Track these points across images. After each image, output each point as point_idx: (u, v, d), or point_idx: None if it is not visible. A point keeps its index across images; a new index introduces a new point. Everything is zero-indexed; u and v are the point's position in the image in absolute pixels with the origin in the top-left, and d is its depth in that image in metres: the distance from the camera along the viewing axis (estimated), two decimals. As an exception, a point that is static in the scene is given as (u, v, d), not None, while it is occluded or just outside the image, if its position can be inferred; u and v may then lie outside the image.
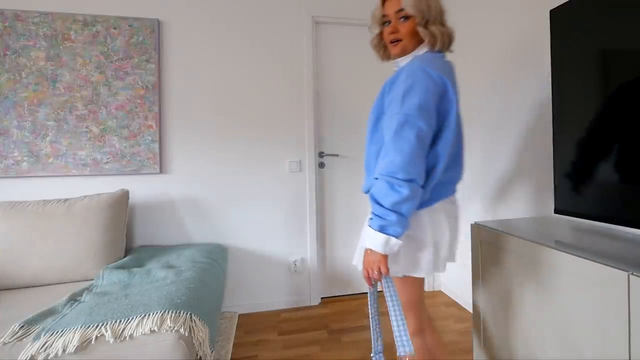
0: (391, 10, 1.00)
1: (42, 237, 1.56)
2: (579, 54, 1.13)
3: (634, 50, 0.96)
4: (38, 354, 0.97)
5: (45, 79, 1.86)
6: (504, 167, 1.75)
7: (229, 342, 1.72)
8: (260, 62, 2.13)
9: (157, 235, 2.01)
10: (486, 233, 1.24)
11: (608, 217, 1.07)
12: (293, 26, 2.17)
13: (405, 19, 0.98)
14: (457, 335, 1.80)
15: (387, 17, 1.02)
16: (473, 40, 1.97)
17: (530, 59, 1.55)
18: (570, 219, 1.30)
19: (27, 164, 1.85)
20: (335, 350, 1.69)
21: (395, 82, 0.97)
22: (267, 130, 2.14)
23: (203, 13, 2.06)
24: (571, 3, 1.16)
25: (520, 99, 1.63)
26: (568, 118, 1.19)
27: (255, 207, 2.14)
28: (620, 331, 0.78)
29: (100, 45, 1.92)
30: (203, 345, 1.12)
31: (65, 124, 1.89)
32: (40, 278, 1.54)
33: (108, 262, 1.63)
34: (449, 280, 2.31)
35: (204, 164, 2.07)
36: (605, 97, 1.06)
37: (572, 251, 0.92)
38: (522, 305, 1.10)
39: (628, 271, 0.76)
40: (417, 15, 0.96)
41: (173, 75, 2.03)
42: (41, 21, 1.85)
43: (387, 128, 0.92)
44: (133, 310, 1.13)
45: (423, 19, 0.97)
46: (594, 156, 1.10)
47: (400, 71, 0.98)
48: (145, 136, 1.97)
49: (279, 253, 2.18)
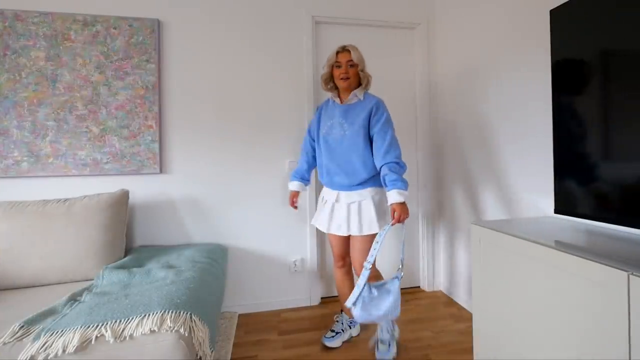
0: (343, 59, 1.58)
1: (42, 237, 1.56)
2: (579, 54, 1.13)
3: (634, 50, 0.96)
4: (38, 354, 0.97)
5: (45, 79, 1.86)
6: (504, 167, 1.75)
7: (229, 342, 1.72)
8: (260, 62, 2.13)
9: (157, 235, 2.01)
10: (486, 233, 1.24)
11: (608, 217, 1.07)
12: (293, 26, 2.17)
13: (352, 66, 1.58)
14: (457, 335, 1.80)
15: (339, 63, 1.59)
16: (473, 39, 1.97)
17: (530, 59, 1.55)
18: (570, 219, 1.30)
19: (27, 164, 1.85)
20: (335, 350, 1.69)
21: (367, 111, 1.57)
22: (267, 130, 2.14)
23: (203, 13, 2.06)
24: (571, 3, 1.16)
25: (520, 98, 1.63)
26: (568, 118, 1.19)
27: (255, 207, 2.14)
28: (620, 331, 0.78)
29: (100, 45, 1.92)
30: (203, 345, 1.12)
31: (65, 124, 1.89)
32: (40, 278, 1.54)
33: (108, 262, 1.63)
34: (449, 280, 2.31)
35: (204, 163, 2.07)
36: (605, 97, 1.06)
37: (572, 251, 0.92)
38: (522, 305, 1.10)
39: (628, 271, 0.76)
40: (360, 64, 1.58)
41: (173, 75, 2.03)
42: (41, 21, 1.85)
43: (381, 137, 1.54)
44: (133, 310, 1.13)
45: (361, 67, 1.59)
46: (594, 156, 1.10)
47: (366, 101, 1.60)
48: (145, 136, 1.97)
49: (279, 253, 2.18)
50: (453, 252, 2.26)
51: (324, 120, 1.66)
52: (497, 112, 1.79)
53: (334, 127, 1.61)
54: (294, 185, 1.78)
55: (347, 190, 1.60)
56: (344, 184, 1.59)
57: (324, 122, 1.66)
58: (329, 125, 1.64)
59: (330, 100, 1.70)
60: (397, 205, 1.43)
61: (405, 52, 2.39)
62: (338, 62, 1.59)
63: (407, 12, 2.33)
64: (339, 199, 1.61)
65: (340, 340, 1.72)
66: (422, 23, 2.35)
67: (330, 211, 1.63)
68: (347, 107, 1.61)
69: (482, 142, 1.92)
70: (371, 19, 2.27)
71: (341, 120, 1.60)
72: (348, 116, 1.59)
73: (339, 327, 1.77)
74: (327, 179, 1.66)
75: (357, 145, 1.56)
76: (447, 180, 2.29)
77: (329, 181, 1.66)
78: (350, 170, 1.57)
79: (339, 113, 1.62)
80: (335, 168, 1.60)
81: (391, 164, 1.48)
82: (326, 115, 1.68)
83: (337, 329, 1.75)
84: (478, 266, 1.30)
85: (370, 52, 2.32)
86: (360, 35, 2.30)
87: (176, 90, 2.03)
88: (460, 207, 2.15)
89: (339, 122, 1.60)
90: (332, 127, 1.62)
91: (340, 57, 1.58)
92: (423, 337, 1.79)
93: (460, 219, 2.16)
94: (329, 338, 1.71)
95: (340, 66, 1.58)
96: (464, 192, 2.11)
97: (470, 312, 2.04)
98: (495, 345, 1.23)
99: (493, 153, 1.84)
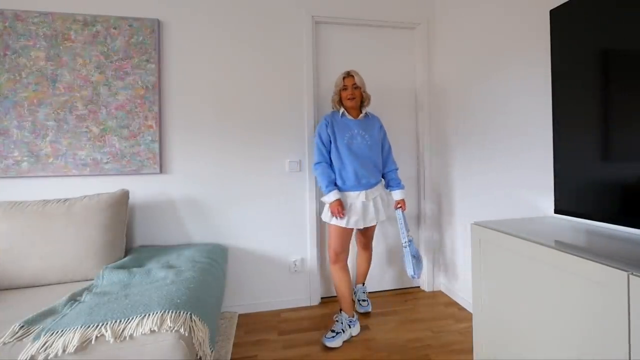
0: (349, 83, 1.87)
1: (42, 237, 1.56)
2: (579, 54, 1.14)
3: (634, 50, 0.96)
4: (38, 354, 0.97)
5: (45, 79, 1.87)
6: (504, 167, 1.75)
7: (229, 342, 1.72)
8: (260, 62, 2.14)
9: (157, 235, 2.01)
10: (486, 233, 1.24)
11: (608, 217, 1.07)
12: (293, 26, 2.17)
13: (356, 88, 1.87)
14: (457, 335, 1.80)
15: (346, 87, 1.87)
16: (473, 39, 1.97)
17: (530, 59, 1.55)
18: (570, 219, 1.30)
19: (27, 164, 1.85)
20: (335, 350, 1.69)
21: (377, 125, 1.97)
22: (267, 129, 2.14)
23: (203, 13, 2.06)
24: (571, 3, 1.16)
25: (520, 98, 1.63)
26: (568, 118, 1.19)
27: (255, 207, 2.14)
28: (620, 331, 0.78)
29: (100, 45, 1.92)
30: (203, 345, 1.12)
31: (65, 124, 1.89)
32: (40, 278, 1.54)
33: (108, 262, 1.63)
34: (449, 280, 2.31)
35: (204, 163, 2.07)
36: (605, 97, 1.06)
37: (572, 251, 0.92)
38: (522, 305, 1.10)
39: (628, 271, 0.76)
40: (362, 87, 1.90)
41: (173, 75, 2.03)
42: (41, 21, 1.85)
43: (388, 147, 2.00)
44: (133, 310, 1.13)
45: (363, 88, 1.90)
46: (593, 156, 1.10)
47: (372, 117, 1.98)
48: (145, 136, 1.97)
49: (279, 253, 2.18)
50: (453, 252, 2.26)
51: (341, 132, 1.87)
52: (497, 112, 1.79)
53: (355, 138, 1.87)
54: (335, 195, 1.79)
55: (371, 188, 1.88)
56: (372, 183, 1.88)
57: (342, 133, 1.87)
58: (349, 136, 1.87)
59: (338, 115, 1.90)
60: (402, 200, 1.95)
61: (405, 52, 2.39)
62: (345, 85, 1.87)
63: (407, 12, 2.33)
64: (367, 197, 1.85)
65: (340, 340, 1.73)
66: (422, 23, 2.35)
67: (364, 209, 1.83)
68: (362, 122, 1.91)
69: (482, 141, 1.92)
70: (371, 19, 2.27)
71: (362, 132, 1.89)
72: (367, 129, 1.91)
73: (339, 327, 1.77)
74: (352, 182, 1.84)
75: (378, 151, 1.93)
76: (447, 180, 2.29)
77: (356, 183, 1.84)
78: (375, 171, 1.91)
79: (357, 126, 1.89)
80: (363, 171, 1.85)
81: (396, 171, 2.00)
82: (340, 128, 1.87)
83: (337, 329, 1.76)
84: (478, 266, 1.30)
85: (370, 52, 2.33)
86: (360, 35, 2.31)
87: (176, 90, 2.03)
88: (461, 206, 2.15)
89: (359, 134, 1.88)
90: (353, 137, 1.87)
91: (347, 81, 1.87)
92: (423, 337, 1.79)
93: (460, 219, 2.16)
94: (330, 338, 1.72)
95: (347, 89, 1.86)
96: (464, 191, 2.11)
97: (470, 312, 2.04)
98: (495, 345, 1.23)
99: (493, 153, 1.84)
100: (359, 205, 1.82)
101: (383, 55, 2.35)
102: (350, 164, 1.83)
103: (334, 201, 1.78)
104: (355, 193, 1.83)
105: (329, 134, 1.86)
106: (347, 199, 1.83)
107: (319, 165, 1.86)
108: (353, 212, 1.81)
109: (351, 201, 1.83)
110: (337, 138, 1.86)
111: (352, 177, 1.83)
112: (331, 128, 1.87)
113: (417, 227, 2.42)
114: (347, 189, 1.84)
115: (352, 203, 1.82)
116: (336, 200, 1.78)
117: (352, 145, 1.85)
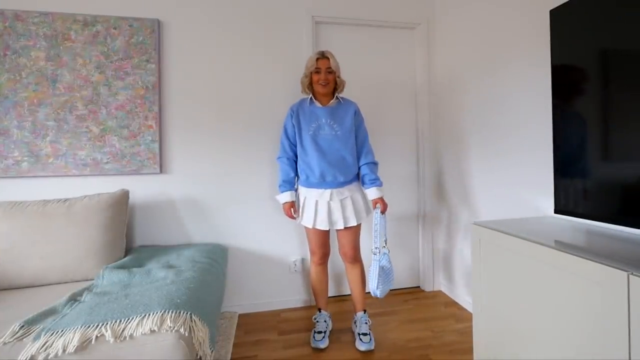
0: (323, 66, 1.66)
1: (43, 237, 1.56)
2: (578, 54, 1.13)
3: (634, 50, 0.96)
4: (38, 353, 0.97)
5: (45, 79, 1.87)
6: (504, 167, 1.75)
7: (229, 342, 1.72)
8: (260, 61, 2.13)
9: (157, 235, 2.01)
10: (486, 233, 1.24)
11: (608, 217, 1.07)
12: (293, 26, 2.17)
13: (330, 72, 1.67)
14: (457, 335, 1.80)
15: (319, 69, 1.66)
16: (473, 39, 1.97)
17: (530, 59, 1.55)
18: (570, 219, 1.30)
19: (27, 164, 1.85)
20: (335, 350, 1.69)
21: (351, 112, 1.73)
22: (266, 129, 2.14)
23: (203, 13, 2.06)
24: (571, 3, 1.16)
25: (520, 98, 1.63)
26: (568, 118, 1.19)
27: (255, 207, 2.14)
28: (620, 331, 0.78)
29: (100, 45, 1.92)
30: (203, 345, 1.12)
31: (65, 124, 1.89)
32: (41, 278, 1.54)
33: (108, 262, 1.63)
34: (449, 280, 2.31)
35: (204, 163, 2.07)
36: (606, 97, 1.06)
37: (572, 251, 0.92)
38: (522, 305, 1.10)
39: (628, 271, 0.76)
40: (337, 71, 1.70)
41: (173, 75, 2.03)
42: (41, 21, 1.85)
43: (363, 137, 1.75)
44: (133, 310, 1.13)
45: (338, 73, 1.71)
46: (593, 156, 1.10)
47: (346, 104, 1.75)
48: (145, 136, 1.97)
49: (279, 253, 2.18)
50: (453, 252, 2.26)
51: (307, 122, 1.70)
52: (497, 112, 1.79)
53: (322, 128, 1.68)
54: (287, 197, 1.71)
55: (339, 187, 1.68)
56: (339, 181, 1.68)
57: (307, 124, 1.69)
58: (315, 126, 1.69)
59: (306, 103, 1.73)
60: (379, 199, 1.68)
61: (405, 52, 2.39)
62: (318, 68, 1.66)
63: (407, 12, 2.33)
64: (332, 197, 1.67)
65: (327, 339, 1.74)
66: (422, 23, 2.35)
67: (329, 209, 1.68)
68: (332, 109, 1.71)
69: (482, 141, 1.92)
70: (371, 19, 2.27)
71: (329, 121, 1.69)
72: (336, 117, 1.70)
73: (323, 326, 1.78)
74: (317, 178, 1.67)
75: (349, 144, 1.70)
76: (447, 180, 2.29)
77: (320, 181, 1.67)
78: (345, 167, 1.68)
79: (325, 114, 1.69)
80: (328, 167, 1.66)
81: (371, 164, 1.72)
82: (306, 117, 1.71)
83: (322, 329, 1.76)
84: (478, 266, 1.30)
85: (370, 52, 2.33)
86: (360, 35, 2.30)
87: (176, 90, 2.03)
88: (460, 206, 2.15)
89: (327, 123, 1.69)
90: (319, 128, 1.69)
91: (320, 63, 1.66)
92: (423, 337, 1.79)
93: (460, 219, 2.16)
94: (320, 340, 1.71)
95: (320, 72, 1.66)
96: (464, 191, 2.11)
97: (470, 312, 2.04)
98: (495, 345, 1.23)
99: (493, 153, 1.83)
100: (324, 204, 1.67)
101: (383, 55, 2.34)
102: (314, 159, 1.65)
103: (285, 203, 1.70)
104: (320, 191, 1.67)
105: (293, 124, 1.71)
106: (312, 195, 1.69)
107: (279, 161, 1.76)
108: (319, 212, 1.67)
109: (316, 198, 1.68)
110: (302, 129, 1.69)
111: (317, 173, 1.65)
112: (296, 118, 1.71)
113: (417, 226, 2.42)
114: (311, 185, 1.69)
115: (317, 201, 1.68)
116: (288, 203, 1.70)
117: (318, 137, 1.67)
